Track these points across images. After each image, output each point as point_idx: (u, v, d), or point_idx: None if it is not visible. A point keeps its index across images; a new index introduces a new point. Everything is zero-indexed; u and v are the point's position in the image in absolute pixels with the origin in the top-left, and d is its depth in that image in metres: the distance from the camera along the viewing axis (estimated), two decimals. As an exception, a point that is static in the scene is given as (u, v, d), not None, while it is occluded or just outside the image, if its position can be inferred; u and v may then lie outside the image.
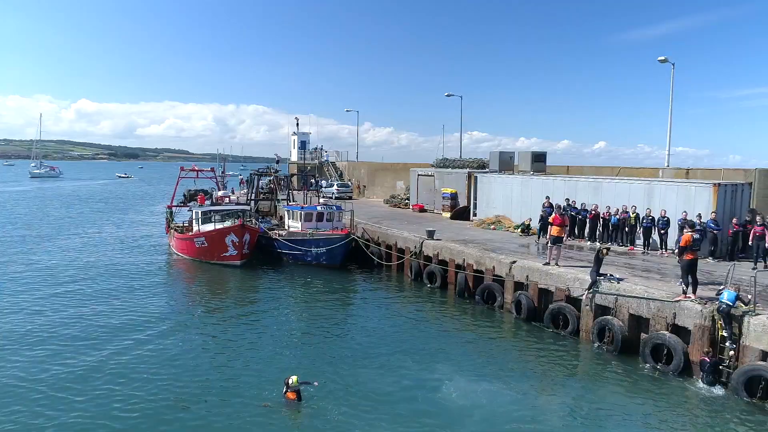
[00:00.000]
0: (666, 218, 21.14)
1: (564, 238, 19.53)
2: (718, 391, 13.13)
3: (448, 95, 44.14)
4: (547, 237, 20.00)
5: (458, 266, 22.46)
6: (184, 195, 36.17)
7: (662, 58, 27.20)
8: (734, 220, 20.09)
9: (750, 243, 18.80)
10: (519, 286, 19.45)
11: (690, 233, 14.54)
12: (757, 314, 12.95)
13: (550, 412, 12.62)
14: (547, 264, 18.74)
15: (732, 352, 12.99)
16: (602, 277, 16.64)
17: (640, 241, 22.31)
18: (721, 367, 13.15)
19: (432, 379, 14.04)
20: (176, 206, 34.56)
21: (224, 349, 16.23)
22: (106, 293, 22.22)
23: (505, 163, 32.09)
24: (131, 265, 27.97)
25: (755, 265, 18.55)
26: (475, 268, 21.49)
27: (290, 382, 12.32)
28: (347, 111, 66.38)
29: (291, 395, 12.26)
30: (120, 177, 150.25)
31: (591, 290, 16.47)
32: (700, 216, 20.29)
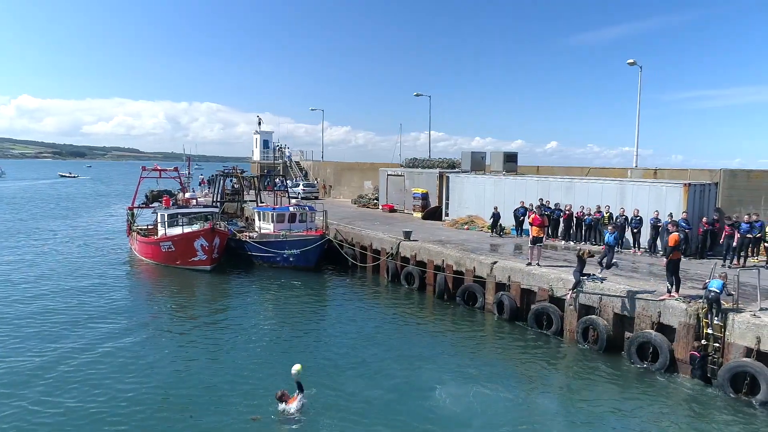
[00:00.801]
0: (639, 217, 21.66)
1: (543, 238, 19.69)
2: (705, 387, 13.47)
3: (417, 95, 44.17)
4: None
5: (437, 267, 22.36)
6: (146, 196, 34.77)
7: (631, 60, 27.87)
8: (704, 219, 20.75)
9: (721, 242, 19.43)
10: (500, 286, 19.49)
11: (677, 233, 14.85)
12: (741, 311, 13.34)
13: (543, 412, 12.62)
14: (530, 264, 18.84)
15: (717, 344, 13.30)
16: (585, 277, 16.84)
17: (613, 240, 22.74)
18: (708, 359, 13.43)
19: (422, 385, 13.80)
20: (138, 207, 33.14)
21: (197, 358, 15.51)
22: (64, 301, 20.96)
23: (477, 164, 32.26)
24: (90, 271, 26.55)
25: (724, 262, 19.21)
26: (455, 269, 21.41)
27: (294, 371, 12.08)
28: (312, 110, 65.38)
29: (292, 400, 11.91)
30: (64, 176, 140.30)
31: (575, 290, 16.63)
32: (671, 215, 20.88)
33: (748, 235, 18.83)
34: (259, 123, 67.91)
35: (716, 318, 13.29)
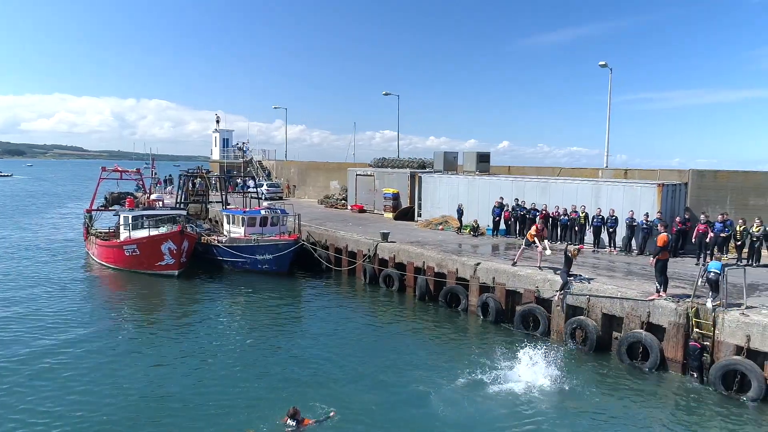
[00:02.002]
0: (615, 217, 22.03)
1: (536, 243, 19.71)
2: (696, 385, 13.69)
3: (385, 94, 43.78)
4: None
5: (417, 269, 22.08)
6: (106, 198, 33.02)
7: (602, 63, 28.48)
8: (677, 219, 21.28)
9: (693, 240, 19.94)
10: (484, 288, 19.38)
11: (665, 234, 15.06)
12: (730, 310, 13.62)
13: (537, 413, 12.44)
14: (514, 264, 18.75)
15: (707, 343, 13.54)
16: (572, 278, 16.91)
17: (588, 240, 23.10)
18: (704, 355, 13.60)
19: (412, 392, 13.45)
20: (96, 210, 31.40)
21: (165, 369, 14.69)
22: (16, 311, 19.53)
23: (450, 164, 32.22)
24: (44, 277, 24.88)
25: (698, 260, 19.75)
26: (436, 270, 21.17)
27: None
28: (275, 108, 63.85)
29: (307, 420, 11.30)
30: None
31: (563, 291, 16.66)
32: (647, 215, 21.34)
33: (722, 234, 19.41)
34: (218, 121, 66.18)
35: (713, 301, 13.55)
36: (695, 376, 13.74)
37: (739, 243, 19.76)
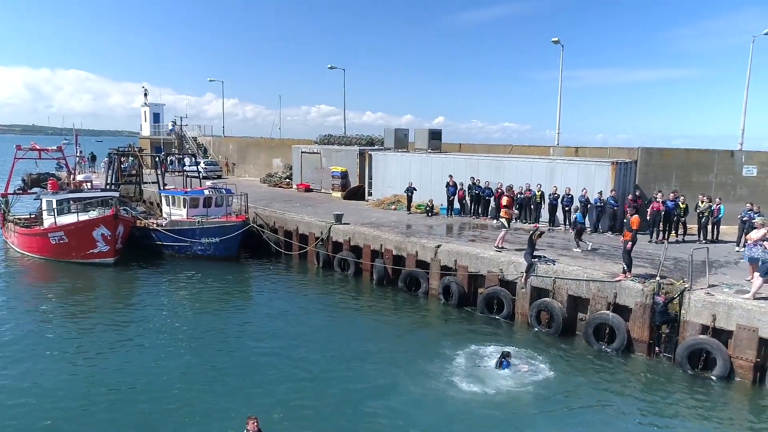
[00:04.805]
0: (570, 196, 22.06)
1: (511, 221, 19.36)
2: (663, 364, 13.84)
3: (330, 67, 42.00)
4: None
5: (374, 252, 21.31)
6: (23, 180, 29.90)
7: (555, 39, 28.34)
8: (629, 197, 21.56)
9: (648, 218, 20.24)
10: (445, 270, 18.87)
11: (638, 216, 14.97)
12: (695, 290, 13.76)
13: (504, 400, 12.13)
14: (499, 250, 18.18)
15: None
16: (537, 260, 16.68)
17: (544, 218, 23.10)
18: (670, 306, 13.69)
19: (373, 384, 12.83)
20: (13, 194, 28.38)
21: (102, 369, 13.39)
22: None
23: (401, 141, 31.36)
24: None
25: (651, 238, 20.13)
26: (395, 253, 20.48)
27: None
28: (210, 81, 60.43)
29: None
30: None
31: (528, 273, 16.41)
32: (601, 193, 21.50)
33: (674, 211, 19.82)
34: (146, 94, 61.84)
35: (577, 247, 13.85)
36: (660, 331, 13.77)
37: (683, 219, 20.28)
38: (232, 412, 11.25)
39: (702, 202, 20.29)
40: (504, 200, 19.08)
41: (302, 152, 36.54)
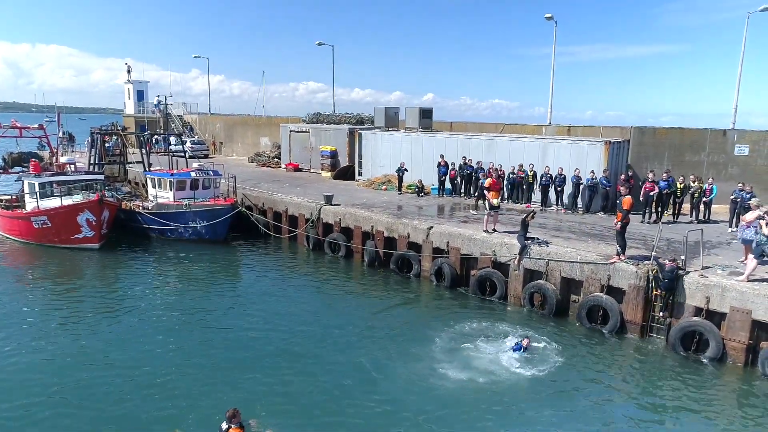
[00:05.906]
0: (563, 176, 21.87)
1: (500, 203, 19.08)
2: (657, 346, 13.84)
3: (318, 44, 41.11)
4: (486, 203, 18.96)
5: (365, 233, 21.06)
6: (4, 159, 29.11)
7: (548, 15, 27.82)
8: (621, 176, 21.42)
9: (641, 198, 20.12)
10: (437, 252, 18.69)
11: (630, 196, 14.81)
12: (689, 271, 13.69)
13: (498, 382, 12.10)
14: (488, 232, 17.96)
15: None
16: (530, 241, 16.53)
17: (536, 198, 22.94)
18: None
19: (368, 368, 12.66)
20: (-7, 175, 27.67)
21: (88, 355, 13.09)
22: None
23: (391, 120, 30.84)
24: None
25: (643, 218, 20.05)
26: (386, 235, 20.25)
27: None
28: (195, 57, 59.21)
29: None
30: None
31: (522, 255, 16.27)
32: (593, 173, 21.33)
33: (666, 191, 19.72)
34: (129, 71, 60.38)
35: None
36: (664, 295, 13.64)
37: (679, 200, 20.22)
38: (219, 393, 11.13)
39: (693, 182, 20.23)
40: (486, 182, 18.78)
41: (291, 131, 35.93)
